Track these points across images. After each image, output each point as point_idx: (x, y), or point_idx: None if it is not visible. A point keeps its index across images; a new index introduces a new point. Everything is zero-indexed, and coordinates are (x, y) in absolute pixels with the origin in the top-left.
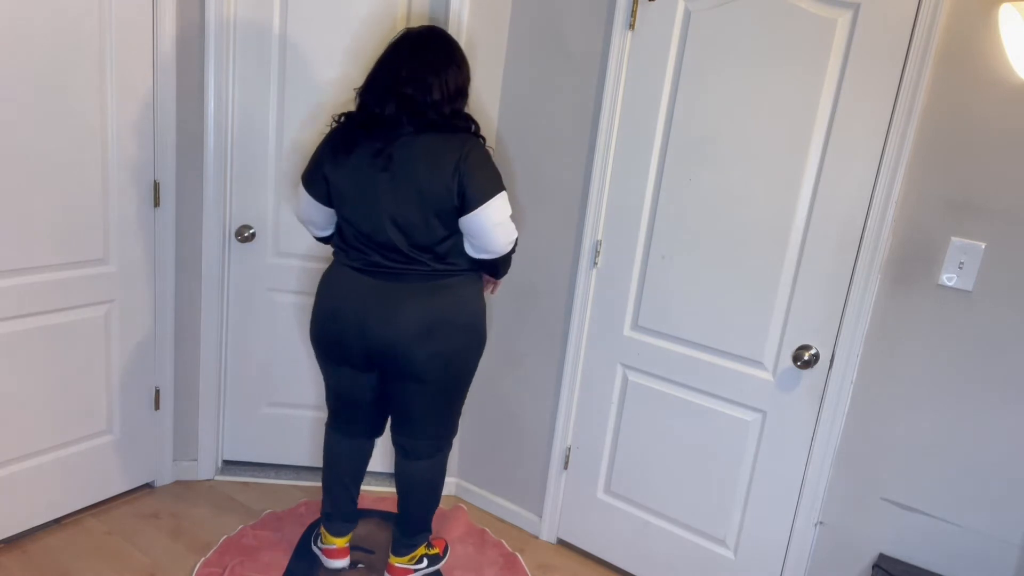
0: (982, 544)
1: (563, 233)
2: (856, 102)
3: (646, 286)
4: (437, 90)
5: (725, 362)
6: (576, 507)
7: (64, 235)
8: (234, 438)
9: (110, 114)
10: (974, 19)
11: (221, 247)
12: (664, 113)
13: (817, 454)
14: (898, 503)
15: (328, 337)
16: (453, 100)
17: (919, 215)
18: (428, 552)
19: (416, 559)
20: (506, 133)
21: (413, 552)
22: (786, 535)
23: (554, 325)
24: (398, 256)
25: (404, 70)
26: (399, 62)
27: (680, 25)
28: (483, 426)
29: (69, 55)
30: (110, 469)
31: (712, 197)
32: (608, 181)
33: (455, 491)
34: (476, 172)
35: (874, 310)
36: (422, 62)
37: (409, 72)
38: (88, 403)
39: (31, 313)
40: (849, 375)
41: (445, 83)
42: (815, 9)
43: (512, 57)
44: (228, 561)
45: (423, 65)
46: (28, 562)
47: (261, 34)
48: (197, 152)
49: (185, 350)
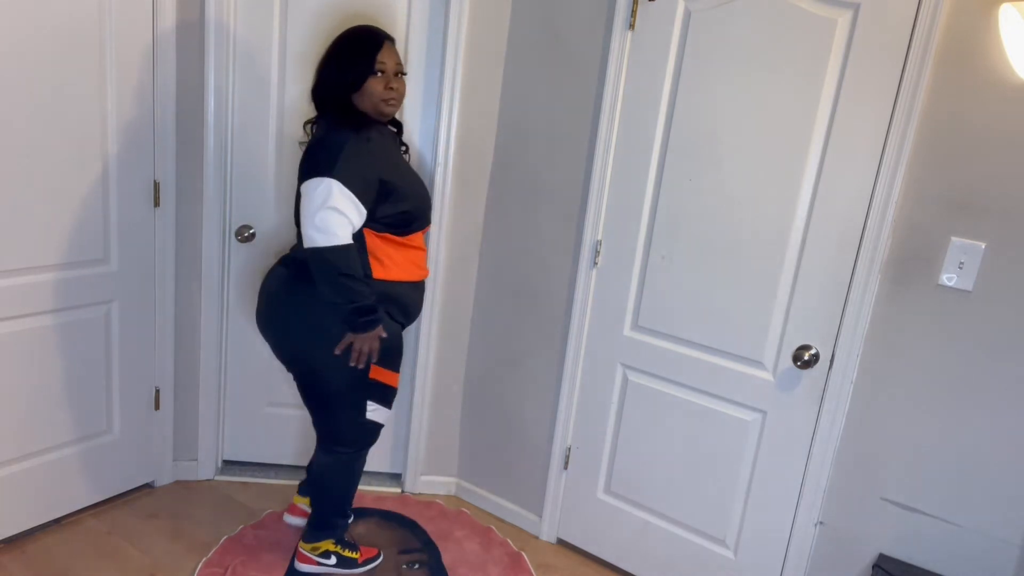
0: (982, 544)
1: (563, 233)
2: (856, 102)
3: (646, 286)
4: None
5: (725, 362)
6: (576, 507)
7: (64, 235)
8: (234, 438)
9: (110, 114)
10: (974, 19)
11: (221, 247)
12: (664, 113)
13: (817, 454)
14: (898, 503)
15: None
16: (319, 90)
17: (919, 215)
18: (341, 552)
19: (321, 552)
20: (506, 133)
21: (315, 542)
22: (786, 535)
23: (554, 325)
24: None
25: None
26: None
27: (680, 25)
28: (483, 426)
29: (69, 54)
30: (110, 469)
31: (712, 197)
32: (608, 181)
33: (455, 491)
34: (309, 151)
35: (874, 310)
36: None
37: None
38: (88, 403)
39: (31, 313)
40: (849, 375)
41: (317, 75)
42: (815, 9)
43: (512, 57)
44: (230, 561)
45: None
46: (28, 562)
47: (261, 33)
48: (197, 152)
49: (185, 350)
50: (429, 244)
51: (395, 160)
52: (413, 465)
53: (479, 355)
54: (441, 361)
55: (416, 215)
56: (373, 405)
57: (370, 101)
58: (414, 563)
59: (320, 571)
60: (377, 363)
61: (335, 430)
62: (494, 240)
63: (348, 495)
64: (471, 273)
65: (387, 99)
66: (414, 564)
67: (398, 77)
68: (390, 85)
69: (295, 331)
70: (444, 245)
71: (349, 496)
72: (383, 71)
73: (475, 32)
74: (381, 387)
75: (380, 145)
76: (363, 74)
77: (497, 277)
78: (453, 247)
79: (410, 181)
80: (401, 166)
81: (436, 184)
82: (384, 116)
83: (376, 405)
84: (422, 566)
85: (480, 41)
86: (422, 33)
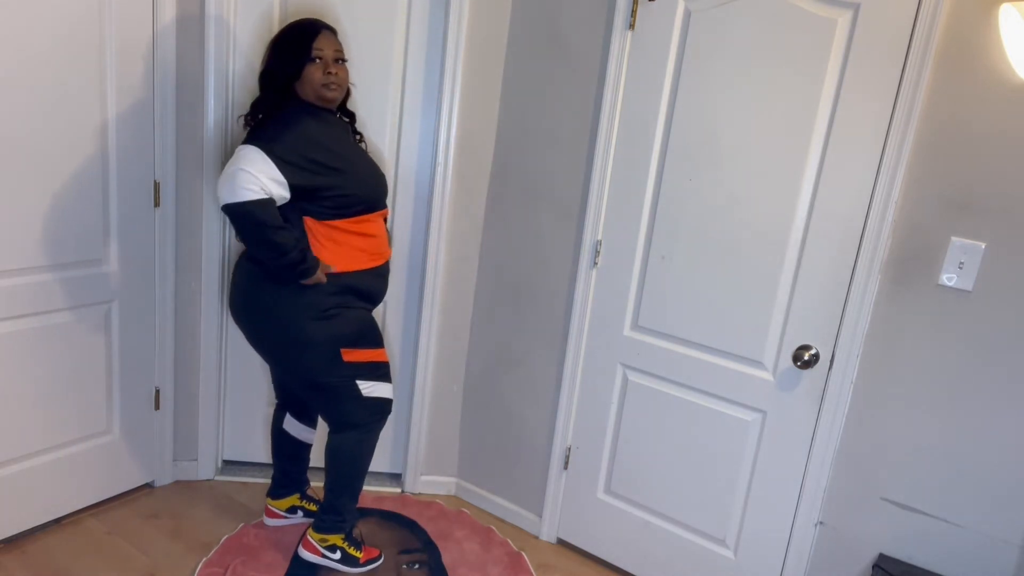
0: (982, 544)
1: (563, 233)
2: (856, 102)
3: (646, 286)
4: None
5: (725, 362)
6: (576, 507)
7: (64, 235)
8: (234, 438)
9: (110, 113)
10: (974, 19)
11: (221, 247)
12: (664, 113)
13: (817, 454)
14: (898, 503)
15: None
16: (263, 79)
17: (919, 215)
18: (347, 548)
19: (328, 545)
20: (506, 133)
21: (324, 534)
22: (786, 535)
23: (554, 325)
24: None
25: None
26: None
27: (680, 25)
28: (483, 426)
29: (69, 54)
30: (110, 469)
31: (712, 197)
32: (608, 181)
33: (455, 491)
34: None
35: (874, 310)
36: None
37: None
38: (88, 403)
39: (31, 313)
40: (849, 375)
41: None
42: (815, 9)
43: (512, 57)
44: (230, 560)
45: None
46: (28, 562)
47: (260, 31)
48: (197, 152)
49: (185, 350)
50: (429, 243)
51: (340, 144)
52: (413, 465)
53: (479, 355)
54: (441, 361)
55: (361, 198)
56: (366, 383)
57: (310, 87)
58: (414, 563)
59: (322, 563)
60: (350, 346)
61: (340, 414)
62: (494, 240)
63: (360, 475)
64: (471, 273)
65: (327, 83)
66: (414, 564)
67: (338, 63)
68: (329, 70)
69: (266, 325)
70: (444, 245)
71: (361, 476)
72: (320, 58)
73: (475, 32)
74: (364, 365)
75: (320, 130)
76: (301, 62)
77: (497, 277)
78: (453, 247)
79: (356, 165)
80: (348, 151)
81: (436, 184)
82: (326, 102)
83: (369, 383)
84: (422, 566)
85: (480, 41)
86: (422, 33)
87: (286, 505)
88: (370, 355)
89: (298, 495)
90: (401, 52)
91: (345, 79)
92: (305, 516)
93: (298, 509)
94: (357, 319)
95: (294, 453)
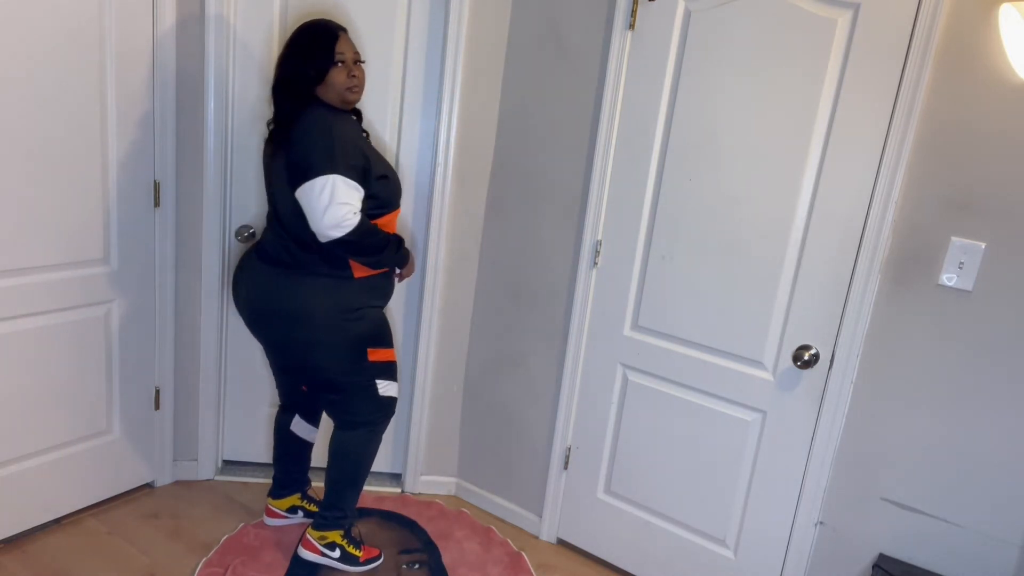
0: (982, 544)
1: (563, 233)
2: (856, 102)
3: (646, 286)
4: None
5: (725, 362)
6: (576, 507)
7: (64, 235)
8: (234, 438)
9: (110, 113)
10: (974, 19)
11: (221, 247)
12: (664, 113)
13: (817, 454)
14: (898, 503)
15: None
16: (280, 86)
17: (919, 215)
18: (346, 547)
19: (328, 543)
20: (506, 133)
21: (324, 531)
22: (786, 535)
23: (554, 325)
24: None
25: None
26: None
27: (680, 25)
28: (483, 426)
29: (69, 54)
30: (110, 469)
31: (712, 197)
32: (608, 181)
33: (455, 491)
34: (294, 148)
35: (874, 310)
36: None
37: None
38: (88, 403)
39: (31, 313)
40: (849, 375)
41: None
42: (815, 9)
43: (512, 57)
44: (230, 560)
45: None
46: (28, 562)
47: (261, 32)
48: (197, 152)
49: (185, 350)
50: (429, 243)
51: (367, 148)
52: (413, 465)
53: (479, 355)
54: (441, 361)
55: (389, 198)
56: (383, 382)
57: (334, 91)
58: (414, 563)
59: (322, 562)
60: (375, 346)
61: (353, 412)
62: (494, 240)
63: (365, 472)
64: (471, 273)
65: (351, 87)
66: (414, 564)
67: (357, 65)
68: (352, 73)
69: (294, 328)
70: (444, 245)
71: (365, 473)
72: (343, 61)
73: (475, 32)
74: (384, 364)
75: (352, 134)
76: (325, 66)
77: (497, 277)
78: (453, 247)
79: (382, 165)
80: (370, 151)
81: (436, 184)
82: (349, 104)
83: (386, 381)
84: (422, 566)
85: (480, 41)
86: (422, 33)
87: (287, 505)
88: (387, 354)
89: (299, 495)
90: (401, 52)
91: (364, 80)
92: (305, 516)
93: (299, 509)
94: (379, 318)
95: (298, 454)
